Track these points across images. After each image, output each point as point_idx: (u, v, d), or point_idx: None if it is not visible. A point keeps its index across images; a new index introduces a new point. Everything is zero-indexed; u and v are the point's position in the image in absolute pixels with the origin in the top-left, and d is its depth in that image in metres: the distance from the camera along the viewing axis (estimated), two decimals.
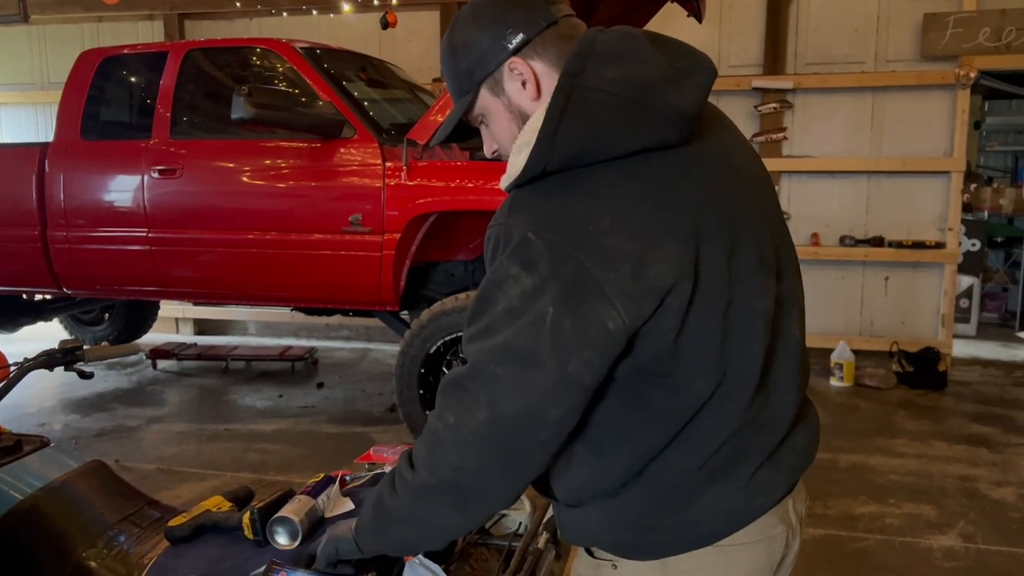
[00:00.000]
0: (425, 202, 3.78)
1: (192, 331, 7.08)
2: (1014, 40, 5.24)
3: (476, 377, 1.02)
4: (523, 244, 1.00)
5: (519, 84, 1.11)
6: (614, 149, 1.02)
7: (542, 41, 1.10)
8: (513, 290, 1.00)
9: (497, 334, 1.01)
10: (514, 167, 1.06)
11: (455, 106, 1.17)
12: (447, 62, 1.16)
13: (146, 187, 4.24)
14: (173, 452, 4.17)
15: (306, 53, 4.15)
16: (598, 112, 1.01)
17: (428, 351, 3.76)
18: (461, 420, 1.03)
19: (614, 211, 1.01)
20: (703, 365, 1.06)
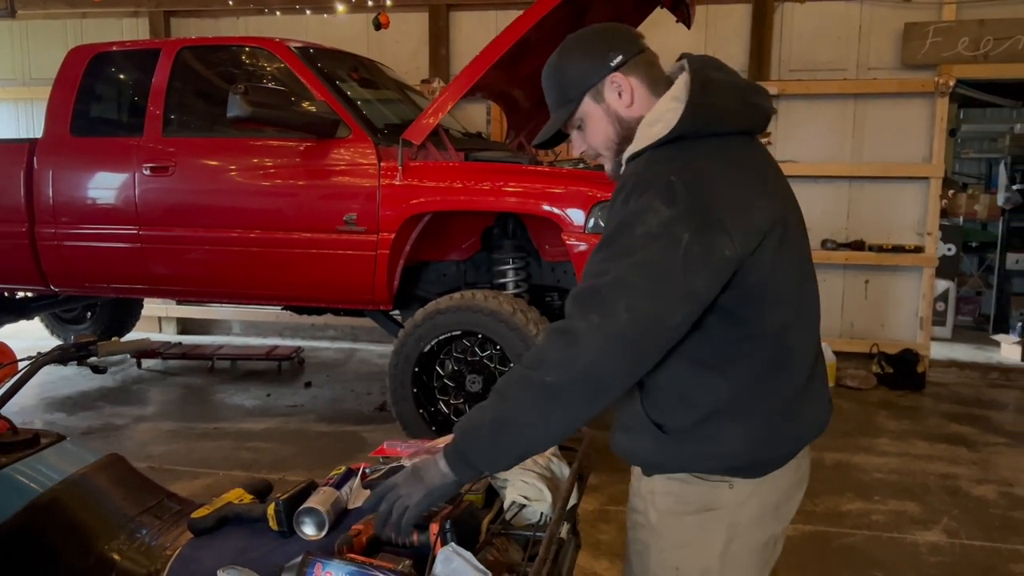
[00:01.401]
0: (420, 202, 3.80)
1: (175, 330, 7.03)
2: (991, 50, 5.38)
3: (616, 287, 1.22)
4: (666, 184, 1.25)
5: (616, 94, 1.41)
6: (729, 126, 1.36)
7: (635, 62, 1.41)
8: (653, 219, 1.23)
9: (636, 253, 1.23)
10: (647, 136, 1.34)
11: (560, 111, 1.45)
12: (554, 76, 1.46)
13: (137, 184, 4.22)
14: (163, 451, 4.15)
15: (300, 52, 4.16)
16: (722, 97, 1.35)
17: (422, 350, 3.78)
18: (602, 319, 1.22)
19: (727, 170, 1.32)
20: (786, 296, 1.36)
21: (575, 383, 1.23)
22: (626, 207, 1.27)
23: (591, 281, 1.26)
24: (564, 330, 1.25)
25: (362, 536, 1.33)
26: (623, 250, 1.24)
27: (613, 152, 1.45)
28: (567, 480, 1.51)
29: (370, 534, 1.35)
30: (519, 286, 4.10)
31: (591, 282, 1.26)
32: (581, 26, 1.50)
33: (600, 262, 1.27)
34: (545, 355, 1.25)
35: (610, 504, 3.43)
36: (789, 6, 5.81)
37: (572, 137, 1.50)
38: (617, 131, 1.42)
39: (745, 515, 1.41)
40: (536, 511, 1.46)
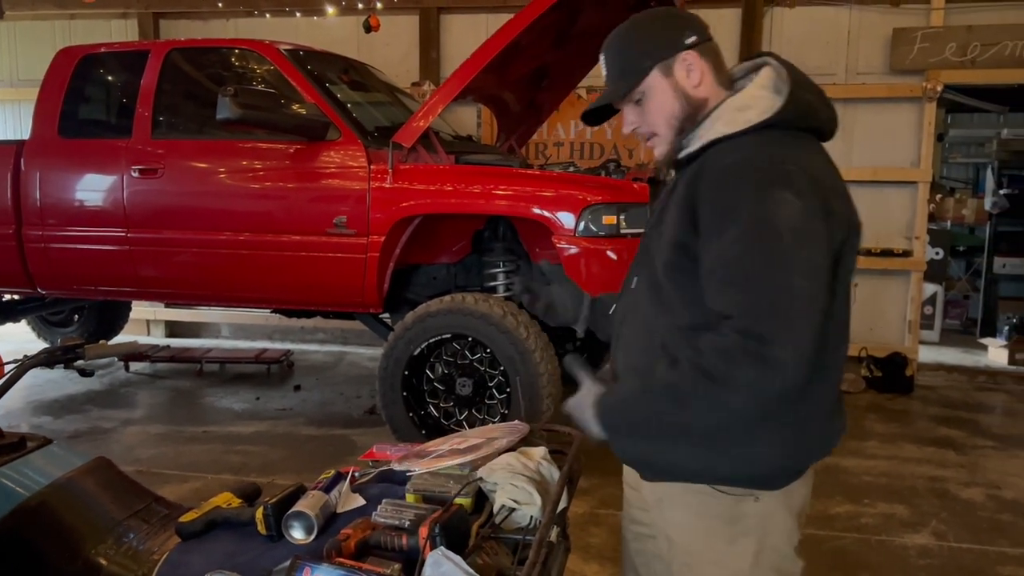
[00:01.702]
0: (410, 205, 3.80)
1: (163, 333, 6.99)
2: (979, 55, 5.42)
3: (801, 302, 1.19)
4: (787, 174, 1.25)
5: (686, 72, 1.39)
6: (816, 122, 1.38)
7: (707, 47, 1.41)
8: (789, 211, 1.22)
9: (795, 254, 1.20)
10: (739, 120, 1.33)
11: (620, 82, 1.42)
12: (622, 46, 1.43)
13: (126, 186, 4.20)
14: (151, 454, 4.13)
15: (290, 55, 4.15)
16: (809, 92, 1.37)
17: (412, 353, 3.78)
18: (798, 341, 1.18)
19: (822, 161, 1.34)
20: (844, 297, 1.35)
21: (763, 406, 1.21)
22: (748, 197, 1.23)
23: (762, 291, 1.20)
24: (759, 355, 1.18)
25: (351, 540, 1.32)
26: (779, 250, 1.20)
27: (673, 131, 1.41)
28: (557, 483, 1.50)
29: (359, 538, 1.34)
30: (509, 289, 4.10)
31: (764, 292, 1.20)
32: (571, 31, 1.49)
33: (758, 264, 1.21)
34: (734, 376, 1.19)
35: (600, 507, 3.42)
36: (779, 11, 5.84)
37: (625, 112, 1.45)
38: (683, 107, 1.39)
39: (774, 529, 1.38)
40: (526, 515, 1.45)
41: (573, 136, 6.14)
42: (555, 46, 4.52)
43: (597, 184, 3.76)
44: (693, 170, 1.34)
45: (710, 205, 1.27)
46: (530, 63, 4.61)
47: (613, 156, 5.93)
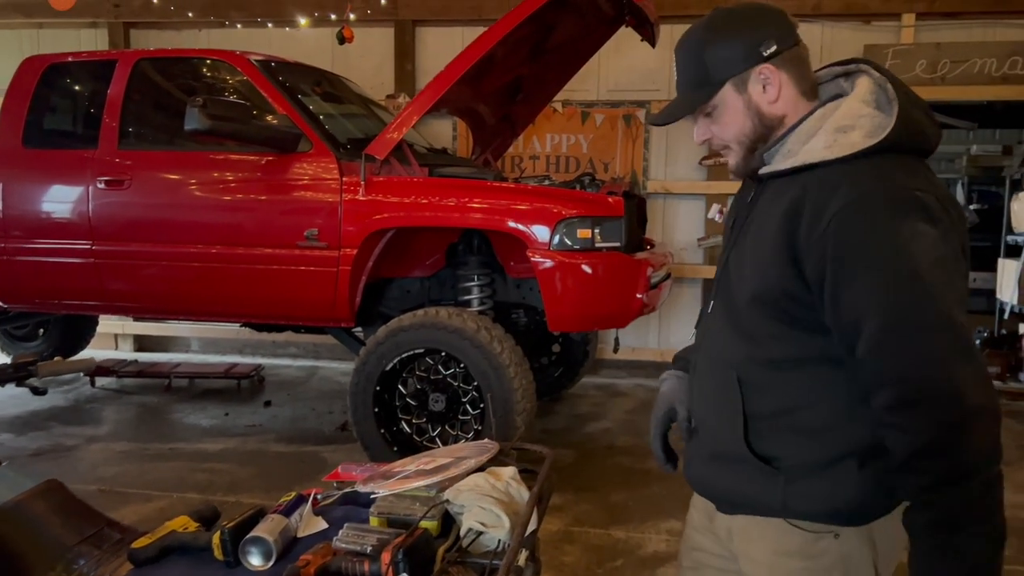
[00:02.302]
0: (383, 218, 3.75)
1: (132, 347, 6.86)
2: (948, 72, 5.49)
3: (954, 336, 1.10)
4: (919, 202, 1.14)
5: (762, 87, 1.27)
6: (925, 144, 1.25)
7: (789, 56, 1.27)
8: (927, 243, 1.12)
9: (945, 287, 1.11)
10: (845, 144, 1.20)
11: (694, 94, 1.31)
12: (696, 52, 1.30)
13: (91, 198, 4.11)
14: (114, 472, 4.02)
15: (261, 65, 4.10)
16: (917, 109, 1.23)
17: (384, 368, 3.72)
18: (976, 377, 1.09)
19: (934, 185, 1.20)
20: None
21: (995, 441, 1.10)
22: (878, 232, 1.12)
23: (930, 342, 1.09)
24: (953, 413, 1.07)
25: (310, 567, 1.27)
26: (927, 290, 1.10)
27: (744, 148, 1.31)
28: (526, 505, 1.46)
29: (319, 564, 1.29)
30: (484, 303, 4.06)
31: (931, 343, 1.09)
32: (547, 44, 1.36)
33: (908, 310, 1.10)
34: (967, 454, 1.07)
35: (575, 525, 3.38)
36: None
37: (697, 123, 1.36)
38: (755, 126, 1.29)
39: (855, 569, 1.26)
40: (494, 538, 1.41)
41: (549, 149, 6.13)
42: (530, 59, 4.52)
43: (572, 198, 3.74)
44: (790, 196, 1.21)
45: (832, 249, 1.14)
46: (505, 76, 4.60)
47: (588, 170, 5.92)
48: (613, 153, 5.97)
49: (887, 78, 1.25)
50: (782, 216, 1.21)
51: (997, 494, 1.09)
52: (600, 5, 4.21)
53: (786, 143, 1.27)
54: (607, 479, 3.91)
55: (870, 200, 1.14)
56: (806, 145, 1.23)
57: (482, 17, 5.92)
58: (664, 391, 1.55)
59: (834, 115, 1.24)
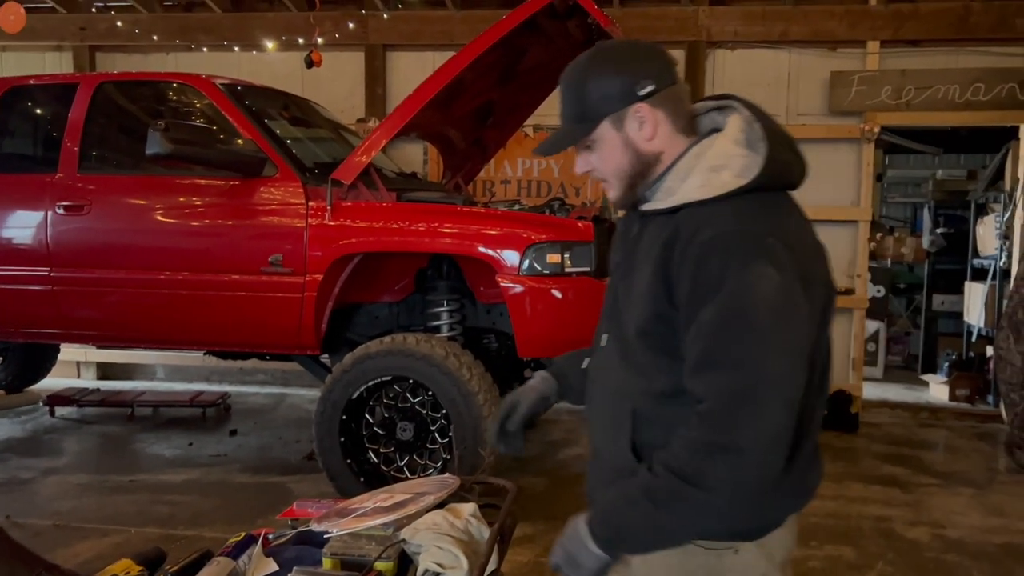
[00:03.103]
0: (349, 243, 3.69)
1: (95, 375, 6.69)
2: (913, 98, 5.56)
3: (768, 385, 1.16)
4: (768, 248, 1.19)
5: (638, 125, 1.31)
6: (791, 180, 1.32)
7: (666, 95, 1.31)
8: (769, 287, 1.17)
9: (768, 334, 1.16)
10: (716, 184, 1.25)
11: (574, 128, 1.35)
12: (576, 88, 1.34)
13: (50, 224, 4.01)
14: (71, 506, 3.88)
15: (226, 89, 4.04)
16: (785, 150, 1.30)
17: (351, 396, 3.64)
18: (767, 428, 1.16)
19: (800, 222, 1.30)
20: (826, 354, 1.34)
21: (748, 496, 1.18)
22: (727, 272, 1.18)
23: (731, 375, 1.16)
24: (725, 447, 1.16)
25: None
26: (753, 332, 1.16)
27: (622, 183, 1.36)
28: (487, 543, 1.40)
29: None
30: (453, 328, 4.00)
31: (732, 376, 1.16)
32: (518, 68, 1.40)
33: (728, 346, 1.17)
34: (707, 473, 1.16)
35: (544, 555, 3.30)
36: (720, 52, 5.93)
37: (578, 154, 1.40)
38: (631, 162, 1.33)
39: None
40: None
41: (520, 174, 6.12)
42: (501, 83, 4.50)
43: (541, 223, 3.71)
44: (668, 230, 1.27)
45: (690, 281, 1.21)
46: (475, 100, 4.57)
47: (559, 195, 5.91)
48: (584, 178, 5.96)
49: (755, 116, 1.31)
50: (660, 248, 1.27)
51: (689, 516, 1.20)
52: (569, 30, 4.21)
53: (666, 180, 1.32)
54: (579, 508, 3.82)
55: (724, 242, 1.20)
56: (684, 184, 1.29)
57: (453, 42, 5.91)
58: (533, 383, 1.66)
59: (707, 154, 1.30)
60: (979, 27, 5.56)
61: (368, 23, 6.12)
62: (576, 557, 1.28)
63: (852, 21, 5.68)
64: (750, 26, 5.81)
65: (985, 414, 5.96)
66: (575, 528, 1.30)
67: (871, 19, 5.67)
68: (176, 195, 3.92)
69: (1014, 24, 5.50)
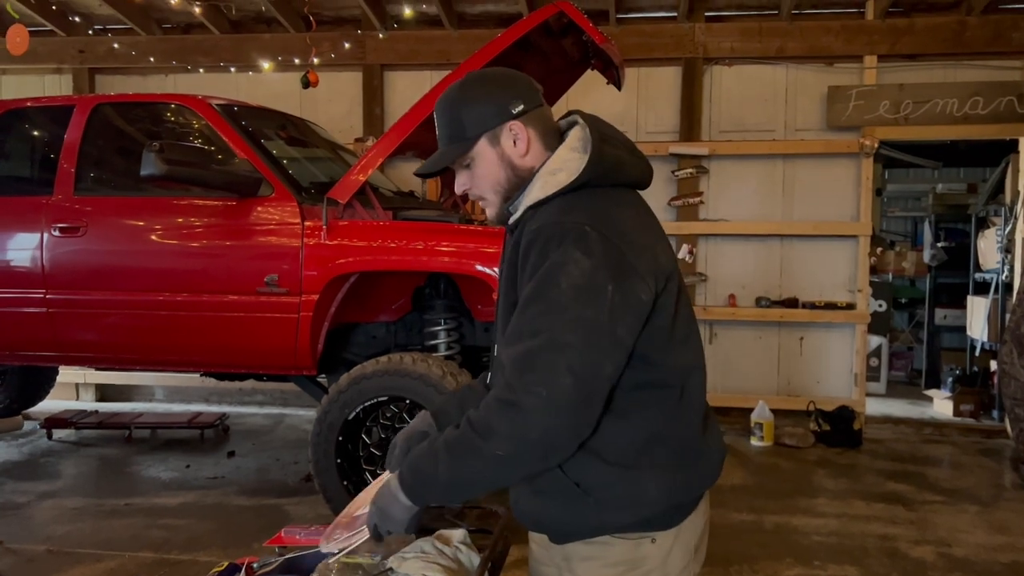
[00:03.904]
0: (345, 262, 3.67)
1: (94, 397, 6.67)
2: (911, 113, 5.56)
3: (552, 348, 1.24)
4: (582, 235, 1.29)
5: (512, 141, 1.43)
6: (626, 176, 1.44)
7: (535, 114, 1.45)
8: (575, 270, 1.26)
9: (566, 308, 1.25)
10: (552, 184, 1.39)
11: (452, 147, 1.45)
12: (452, 110, 1.45)
13: (45, 246, 4.00)
14: (65, 531, 3.84)
15: (222, 109, 4.04)
16: (617, 149, 1.44)
17: (347, 417, 3.60)
18: (549, 389, 1.23)
19: (631, 218, 1.39)
20: (686, 339, 1.41)
21: (528, 452, 1.26)
22: (545, 258, 1.29)
23: (527, 343, 1.26)
24: (510, 403, 1.25)
25: None
26: (553, 306, 1.26)
27: (500, 197, 1.46)
28: (476, 572, 1.37)
29: None
30: (451, 347, 3.98)
31: (527, 344, 1.26)
32: None
33: (531, 319, 1.28)
34: (493, 427, 1.26)
35: None
36: (718, 69, 5.94)
37: (457, 174, 1.49)
38: (508, 177, 1.44)
39: (673, 566, 1.42)
40: None
41: None
42: None
43: None
44: (517, 235, 1.39)
45: (519, 270, 1.35)
46: None
47: None
48: None
49: (588, 124, 1.44)
50: (510, 250, 1.41)
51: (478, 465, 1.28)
52: (566, 48, 4.21)
53: (523, 193, 1.43)
54: None
55: (545, 229, 1.31)
56: (530, 192, 1.41)
57: (450, 61, 5.93)
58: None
59: (548, 161, 1.42)
60: (975, 41, 5.56)
61: (366, 43, 6.14)
62: (387, 510, 1.36)
63: (848, 36, 5.69)
64: (746, 42, 5.81)
65: (990, 429, 5.91)
66: (387, 484, 1.39)
67: (867, 34, 5.68)
68: (172, 216, 3.91)
69: (1010, 38, 5.51)
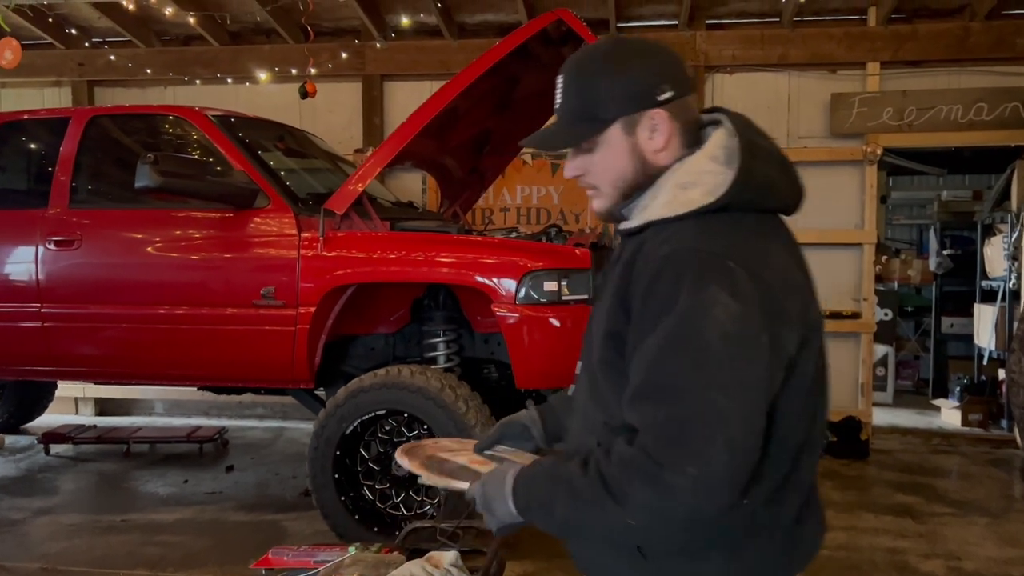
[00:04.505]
0: (343, 273, 3.62)
1: (93, 411, 6.61)
2: (915, 119, 5.50)
3: (705, 417, 1.03)
4: (727, 272, 1.07)
5: (649, 133, 1.20)
6: (774, 201, 1.22)
7: (682, 104, 1.21)
8: (724, 316, 1.04)
9: (719, 366, 1.04)
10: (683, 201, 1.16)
11: (578, 127, 1.22)
12: (585, 82, 1.22)
13: (40, 259, 3.96)
14: (61, 548, 3.79)
15: (219, 121, 4.01)
16: (769, 166, 1.20)
17: (344, 432, 3.55)
18: (701, 468, 1.02)
19: (779, 252, 1.18)
20: (812, 409, 1.18)
21: (665, 528, 1.11)
22: (678, 295, 1.07)
23: (671, 407, 1.05)
24: (654, 477, 1.04)
25: None
26: (700, 361, 1.05)
27: (619, 193, 1.24)
28: None
29: None
30: (451, 359, 3.92)
31: (672, 409, 1.05)
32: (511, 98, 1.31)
33: (672, 376, 1.06)
34: (629, 495, 1.07)
35: None
36: (719, 76, 5.89)
37: (571, 155, 1.27)
38: (635, 173, 1.22)
39: None
40: None
41: (520, 201, 6.07)
42: (497, 111, 4.46)
43: (538, 250, 3.64)
44: (631, 250, 1.19)
45: (641, 300, 1.12)
46: (471, 129, 4.53)
47: (559, 221, 5.85)
48: (584, 204, 5.91)
49: (737, 130, 1.20)
50: (622, 268, 1.19)
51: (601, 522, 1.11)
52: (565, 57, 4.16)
53: (643, 197, 1.22)
54: None
55: (677, 259, 1.10)
56: (654, 201, 1.20)
57: (450, 71, 5.88)
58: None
59: (679, 170, 1.20)
60: (979, 47, 5.51)
61: (365, 54, 6.12)
62: (492, 503, 1.22)
63: (851, 43, 5.64)
64: (748, 50, 5.77)
65: (999, 439, 5.82)
66: (503, 477, 1.22)
67: (870, 41, 5.63)
68: (167, 228, 3.87)
69: (1014, 43, 5.46)
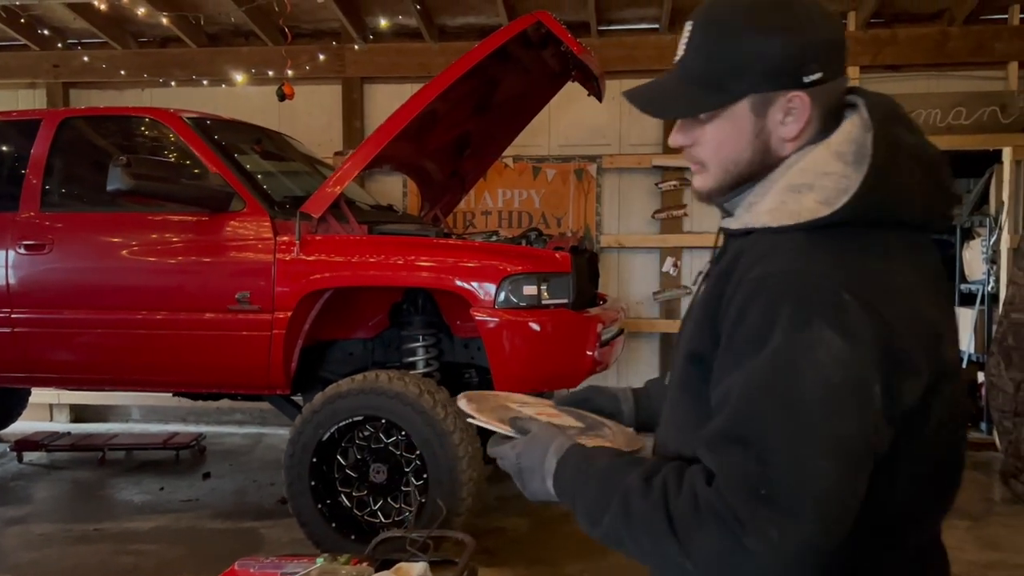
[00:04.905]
0: (319, 278, 3.58)
1: (68, 418, 6.50)
2: None
3: (797, 478, 0.86)
4: (837, 304, 0.89)
5: (782, 116, 1.01)
6: (911, 215, 0.99)
7: (829, 88, 1.02)
8: (827, 359, 0.87)
9: (820, 421, 0.87)
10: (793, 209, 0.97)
11: (701, 95, 1.02)
12: (724, 39, 1.01)
13: (10, 264, 3.88)
14: (32, 559, 3.71)
15: (194, 123, 3.95)
16: (910, 174, 0.98)
17: (321, 438, 3.50)
18: (784, 534, 0.85)
19: (910, 278, 0.97)
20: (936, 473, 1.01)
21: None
22: (772, 327, 0.90)
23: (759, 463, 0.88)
24: (729, 533, 0.88)
25: None
26: (796, 412, 0.88)
27: (728, 177, 1.06)
28: None
29: None
30: (429, 364, 3.88)
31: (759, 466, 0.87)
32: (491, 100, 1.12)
33: (760, 424, 0.89)
34: (695, 541, 0.91)
35: None
36: None
37: (682, 124, 1.08)
38: (752, 159, 1.03)
39: None
40: None
41: (501, 205, 6.04)
42: (477, 114, 4.43)
43: (517, 254, 3.61)
44: (731, 256, 1.02)
45: (730, 325, 0.95)
46: (451, 132, 4.50)
47: (541, 225, 5.83)
48: (566, 208, 5.89)
49: (874, 121, 0.99)
50: (716, 278, 1.02)
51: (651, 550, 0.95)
52: (546, 60, 4.15)
53: (752, 192, 1.04)
54: (562, 550, 3.70)
55: (776, 282, 0.92)
56: (762, 200, 1.02)
57: (431, 74, 5.80)
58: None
59: (795, 166, 1.00)
60: (958, 51, 5.54)
61: (345, 56, 6.07)
62: (524, 475, 1.08)
63: None
64: None
65: (979, 442, 5.83)
66: (545, 450, 1.06)
67: (850, 45, 5.63)
68: (140, 232, 3.81)
69: (992, 48, 5.49)
